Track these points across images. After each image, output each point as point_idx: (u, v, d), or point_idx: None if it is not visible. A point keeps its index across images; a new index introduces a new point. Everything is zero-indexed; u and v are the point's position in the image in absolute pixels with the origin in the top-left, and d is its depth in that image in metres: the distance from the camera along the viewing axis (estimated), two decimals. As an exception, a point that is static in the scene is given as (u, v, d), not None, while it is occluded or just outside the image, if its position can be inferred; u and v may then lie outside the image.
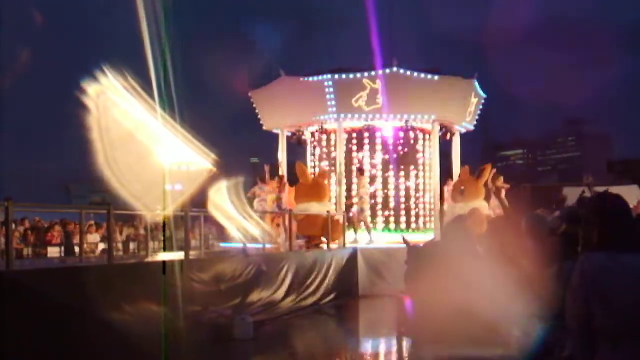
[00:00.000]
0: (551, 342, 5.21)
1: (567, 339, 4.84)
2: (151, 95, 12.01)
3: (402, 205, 22.43)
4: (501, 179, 21.80)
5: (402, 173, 22.44)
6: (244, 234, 15.27)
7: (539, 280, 5.49)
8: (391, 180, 22.33)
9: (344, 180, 21.90)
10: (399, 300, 8.30)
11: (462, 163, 24.17)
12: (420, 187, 22.88)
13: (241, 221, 15.06)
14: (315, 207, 18.84)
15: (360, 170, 21.31)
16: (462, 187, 20.29)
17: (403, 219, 22.50)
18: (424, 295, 6.56)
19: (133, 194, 12.02)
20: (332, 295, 17.53)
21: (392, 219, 22.23)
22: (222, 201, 14.81)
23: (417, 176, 22.74)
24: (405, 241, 9.13)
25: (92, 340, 9.78)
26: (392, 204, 22.32)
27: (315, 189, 19.73)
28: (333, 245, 18.94)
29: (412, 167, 22.63)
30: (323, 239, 18.61)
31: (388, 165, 22.38)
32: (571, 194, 13.53)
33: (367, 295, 18.64)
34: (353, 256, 19.12)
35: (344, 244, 19.12)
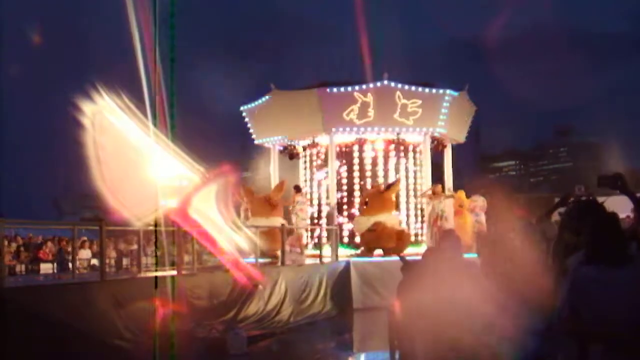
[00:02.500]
0: (542, 354, 5.23)
1: (559, 351, 4.86)
2: (144, 113, 12.04)
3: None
4: (439, 187, 21.82)
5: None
6: (232, 245, 15.17)
7: (531, 291, 5.50)
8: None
9: (335, 195, 21.88)
10: (391, 313, 8.31)
11: (455, 175, 24.26)
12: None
13: (229, 232, 14.96)
14: (262, 222, 18.80)
15: (297, 188, 21.56)
16: (367, 199, 20.37)
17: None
18: (414, 308, 6.57)
19: (127, 207, 12.03)
20: (326, 309, 17.52)
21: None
22: (209, 209, 14.69)
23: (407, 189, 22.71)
24: (399, 256, 9.16)
25: (85, 357, 9.76)
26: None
27: (264, 205, 19.97)
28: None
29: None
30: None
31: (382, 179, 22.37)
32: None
33: (361, 308, 18.62)
34: (346, 270, 19.12)
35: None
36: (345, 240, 21.90)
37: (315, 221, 22.47)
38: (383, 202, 20.34)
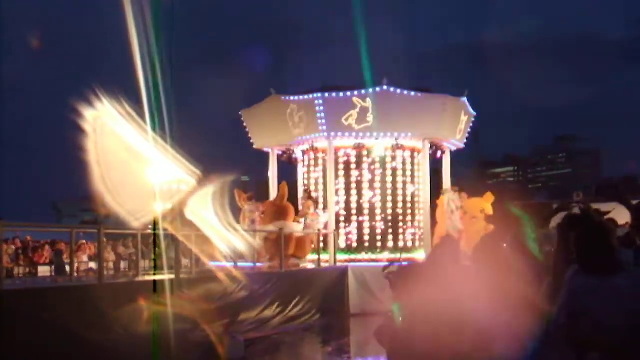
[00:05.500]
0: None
1: (557, 358, 4.89)
2: (144, 118, 12.11)
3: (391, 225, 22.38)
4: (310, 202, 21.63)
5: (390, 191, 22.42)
6: (229, 247, 15.18)
7: (529, 297, 5.54)
8: (380, 198, 22.32)
9: (334, 199, 21.87)
10: (387, 319, 8.33)
11: (453, 181, 24.26)
12: (410, 205, 22.86)
13: (225, 234, 14.97)
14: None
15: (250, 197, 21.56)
16: (262, 209, 20.44)
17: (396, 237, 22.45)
18: (411, 314, 6.59)
19: (127, 210, 12.10)
20: (323, 314, 17.53)
21: (380, 237, 22.22)
22: (205, 210, 14.71)
23: (406, 195, 22.71)
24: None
25: (83, 360, 9.78)
26: (381, 224, 22.29)
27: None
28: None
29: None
30: None
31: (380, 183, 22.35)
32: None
33: (358, 313, 18.65)
34: (343, 274, 19.15)
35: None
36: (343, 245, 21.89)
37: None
38: (277, 210, 20.29)
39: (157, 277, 12.71)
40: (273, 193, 23.02)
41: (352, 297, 19.13)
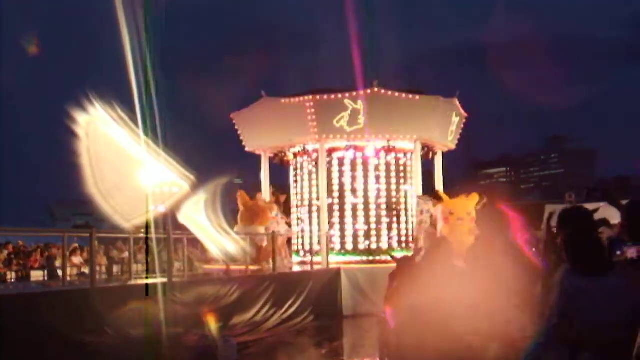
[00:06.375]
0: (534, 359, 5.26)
1: (551, 356, 4.91)
2: (136, 122, 12.14)
3: (385, 226, 22.39)
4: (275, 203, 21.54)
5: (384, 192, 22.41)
6: (221, 250, 15.19)
7: (523, 298, 5.55)
8: (372, 200, 22.30)
9: (326, 202, 21.86)
10: (381, 321, 8.35)
11: (445, 182, 24.25)
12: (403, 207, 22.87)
13: (216, 236, 14.97)
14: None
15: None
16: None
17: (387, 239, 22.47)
18: (406, 315, 6.61)
19: (119, 212, 12.11)
20: (316, 316, 17.53)
21: (374, 239, 22.21)
22: (197, 214, 14.72)
23: (399, 196, 22.71)
24: (394, 258, 9.15)
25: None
26: (373, 226, 22.29)
27: None
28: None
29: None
30: None
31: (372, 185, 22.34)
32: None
33: (351, 315, 18.65)
34: (336, 276, 19.15)
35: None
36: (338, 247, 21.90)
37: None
38: (254, 213, 20.26)
39: (150, 281, 12.71)
40: (265, 196, 23.03)
41: (344, 299, 19.15)
